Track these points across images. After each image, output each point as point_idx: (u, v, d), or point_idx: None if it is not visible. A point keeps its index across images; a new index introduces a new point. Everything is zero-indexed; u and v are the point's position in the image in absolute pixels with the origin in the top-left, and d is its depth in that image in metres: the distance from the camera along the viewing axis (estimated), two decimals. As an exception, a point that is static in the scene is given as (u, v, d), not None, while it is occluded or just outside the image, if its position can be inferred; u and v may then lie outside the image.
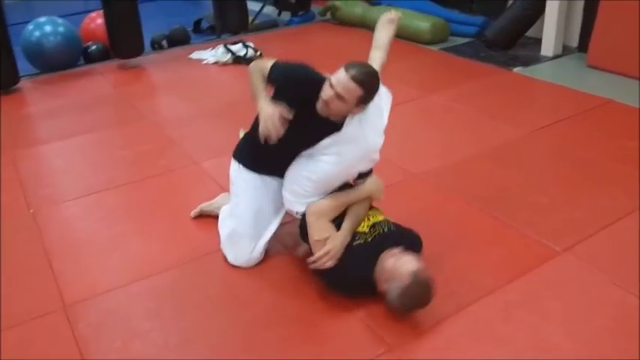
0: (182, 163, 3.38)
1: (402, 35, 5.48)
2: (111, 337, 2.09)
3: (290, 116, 2.10)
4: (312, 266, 2.13)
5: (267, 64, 2.23)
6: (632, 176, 3.00)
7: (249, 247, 2.37)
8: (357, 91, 2.04)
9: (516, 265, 2.38)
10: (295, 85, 2.17)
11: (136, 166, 3.38)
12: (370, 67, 2.17)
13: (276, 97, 2.17)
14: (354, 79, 2.03)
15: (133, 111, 4.24)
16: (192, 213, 2.78)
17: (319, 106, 2.10)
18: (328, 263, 2.10)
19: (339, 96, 2.04)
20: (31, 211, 2.94)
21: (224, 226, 2.51)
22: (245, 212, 2.37)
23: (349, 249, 2.15)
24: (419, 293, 1.98)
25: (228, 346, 2.04)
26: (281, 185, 2.33)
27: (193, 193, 3.06)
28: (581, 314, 2.12)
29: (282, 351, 2.01)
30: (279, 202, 2.36)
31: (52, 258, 2.55)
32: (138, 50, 5.16)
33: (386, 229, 2.22)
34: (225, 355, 2.00)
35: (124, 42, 5.03)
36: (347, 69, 2.05)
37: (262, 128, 2.10)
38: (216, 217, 2.67)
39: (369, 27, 5.84)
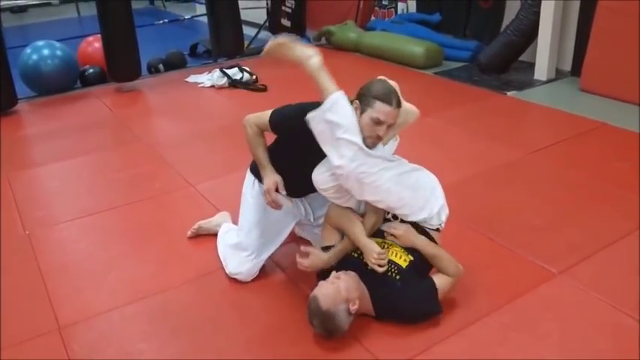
0: (177, 185, 3.39)
1: (396, 59, 5.57)
2: (105, 359, 2.07)
3: (283, 191, 2.23)
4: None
5: (262, 118, 2.27)
6: (627, 198, 3.02)
7: (252, 259, 2.39)
8: (398, 112, 2.13)
9: (512, 287, 2.37)
10: (298, 131, 2.18)
11: (132, 188, 3.38)
12: (387, 83, 2.19)
13: (282, 142, 2.29)
14: (398, 105, 2.10)
15: (129, 134, 4.25)
16: (190, 232, 2.77)
17: (370, 142, 2.09)
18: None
19: (389, 125, 2.11)
20: (27, 232, 2.93)
21: (229, 236, 2.53)
22: (253, 225, 2.40)
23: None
24: (310, 317, 2.04)
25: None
26: (292, 204, 2.40)
27: (188, 216, 3.05)
28: (578, 336, 2.11)
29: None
30: (285, 220, 2.41)
31: (47, 279, 2.53)
32: (135, 74, 5.20)
33: (391, 273, 2.13)
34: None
35: (120, 66, 5.08)
36: (387, 101, 2.07)
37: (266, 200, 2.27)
38: (214, 235, 2.67)
39: (362, 52, 5.93)
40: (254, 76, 5.15)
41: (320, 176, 2.17)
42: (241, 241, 2.41)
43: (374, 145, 2.11)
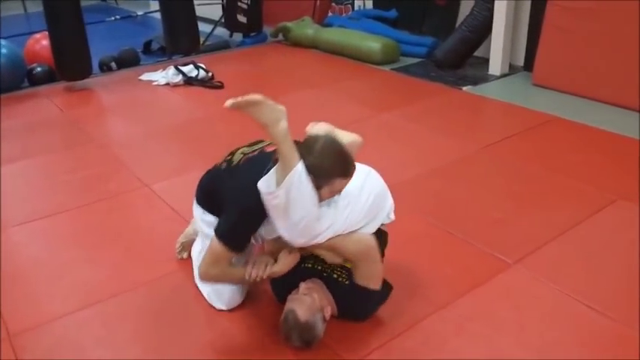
0: (132, 185, 3.30)
1: (353, 56, 5.58)
2: (58, 367, 2.01)
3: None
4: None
5: (221, 258, 2.00)
6: (578, 189, 3.10)
7: (236, 288, 2.22)
8: None
9: (469, 279, 2.40)
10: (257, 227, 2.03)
11: (84, 190, 3.28)
12: (338, 147, 1.94)
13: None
14: (354, 170, 1.97)
15: (81, 134, 4.12)
16: (179, 255, 2.57)
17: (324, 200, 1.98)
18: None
19: None
20: (-28, 238, 2.81)
21: (202, 284, 2.31)
22: None
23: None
24: (288, 333, 1.98)
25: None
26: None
27: (144, 216, 2.99)
28: (534, 325, 2.15)
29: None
30: None
31: (-5, 287, 2.43)
32: (85, 72, 5.05)
33: (335, 276, 2.11)
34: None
35: (70, 64, 4.92)
36: (346, 174, 1.92)
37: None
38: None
39: (320, 48, 5.92)
40: (210, 74, 5.08)
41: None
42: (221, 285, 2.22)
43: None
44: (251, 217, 1.97)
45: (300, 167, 1.83)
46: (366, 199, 2.08)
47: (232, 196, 2.02)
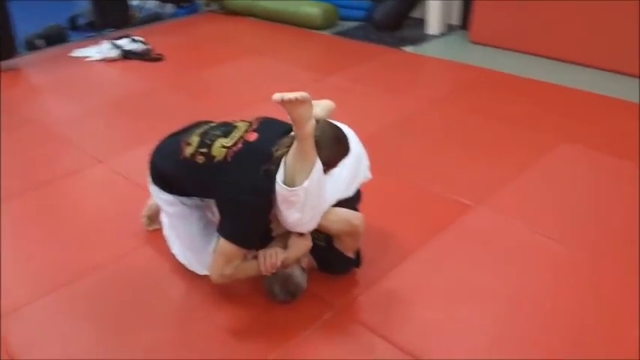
0: (86, 163, 3.19)
1: (292, 21, 5.55)
2: (45, 346, 1.97)
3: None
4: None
5: (233, 256, 1.95)
6: (523, 136, 3.28)
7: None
8: None
9: (435, 222, 2.53)
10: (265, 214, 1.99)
11: (33, 172, 3.13)
12: (336, 133, 1.99)
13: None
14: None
15: (16, 116, 3.88)
16: (149, 227, 2.53)
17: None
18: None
19: None
20: None
21: (179, 253, 2.30)
22: (196, 236, 2.20)
23: None
24: (270, 286, 2.06)
25: (167, 339, 1.99)
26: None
27: (102, 192, 2.92)
28: (503, 257, 2.31)
29: (225, 336, 2.00)
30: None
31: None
32: (10, 52, 4.76)
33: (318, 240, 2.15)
34: (164, 348, 1.96)
35: (-7, 43, 4.63)
36: (349, 152, 1.99)
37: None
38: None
39: (258, 16, 5.85)
40: (148, 46, 4.93)
41: None
42: (189, 248, 2.23)
43: None
44: (261, 213, 1.95)
45: (319, 165, 1.85)
46: (347, 168, 2.10)
47: (234, 194, 1.93)
